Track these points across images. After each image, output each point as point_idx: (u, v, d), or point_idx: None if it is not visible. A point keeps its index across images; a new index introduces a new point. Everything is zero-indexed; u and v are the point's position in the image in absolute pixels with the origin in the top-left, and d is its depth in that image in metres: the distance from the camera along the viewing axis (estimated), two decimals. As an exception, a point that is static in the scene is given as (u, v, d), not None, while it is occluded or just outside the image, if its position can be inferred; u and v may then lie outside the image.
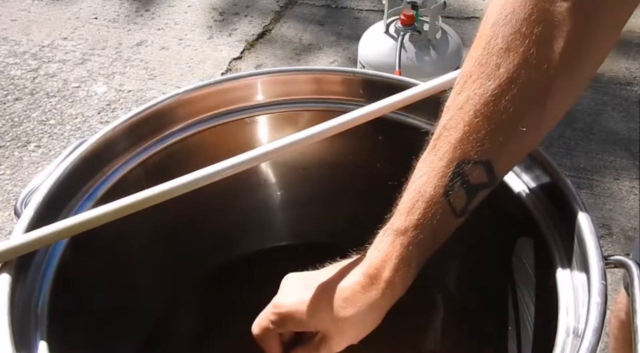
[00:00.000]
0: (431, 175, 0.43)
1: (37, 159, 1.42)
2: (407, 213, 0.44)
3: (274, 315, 0.47)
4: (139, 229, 0.60)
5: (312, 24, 1.85)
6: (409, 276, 0.45)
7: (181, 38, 1.81)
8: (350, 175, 0.69)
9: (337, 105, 0.62)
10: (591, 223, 0.46)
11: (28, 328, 0.43)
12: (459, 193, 0.43)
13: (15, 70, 1.69)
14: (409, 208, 0.43)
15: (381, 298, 0.44)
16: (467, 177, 0.42)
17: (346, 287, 0.45)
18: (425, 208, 0.43)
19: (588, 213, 0.47)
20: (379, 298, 0.44)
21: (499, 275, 0.59)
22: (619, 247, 1.18)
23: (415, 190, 0.44)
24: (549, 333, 0.46)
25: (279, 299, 0.48)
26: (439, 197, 0.42)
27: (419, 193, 0.43)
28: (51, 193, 0.49)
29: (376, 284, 0.44)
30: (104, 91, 1.61)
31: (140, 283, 0.64)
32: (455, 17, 1.85)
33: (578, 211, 0.47)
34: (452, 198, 0.43)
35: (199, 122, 0.61)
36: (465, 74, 0.43)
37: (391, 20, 1.29)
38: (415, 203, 0.43)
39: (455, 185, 0.42)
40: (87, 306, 0.54)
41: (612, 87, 1.58)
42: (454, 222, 0.45)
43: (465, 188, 0.42)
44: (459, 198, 0.43)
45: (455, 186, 0.42)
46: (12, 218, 1.27)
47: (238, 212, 0.72)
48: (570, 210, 0.48)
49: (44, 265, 0.47)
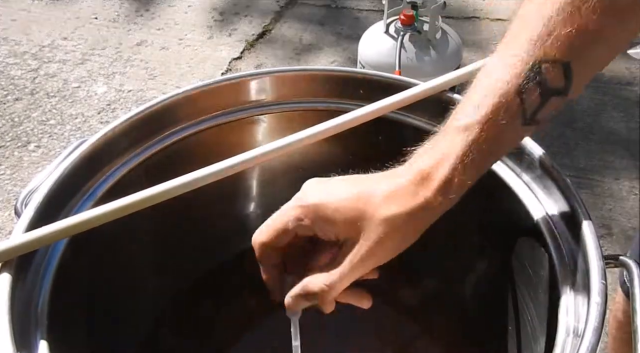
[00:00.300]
0: (504, 71, 0.39)
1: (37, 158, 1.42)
2: (474, 108, 0.39)
3: (298, 208, 0.40)
4: (139, 229, 0.60)
5: (312, 24, 1.85)
6: (464, 181, 0.40)
7: (181, 38, 1.81)
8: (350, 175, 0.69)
9: (337, 105, 0.62)
10: (591, 223, 0.46)
11: (28, 328, 0.43)
12: (533, 94, 0.39)
13: (16, 70, 1.69)
14: (477, 103, 0.39)
15: (432, 200, 0.39)
16: (544, 77, 0.38)
17: (392, 182, 0.39)
18: (495, 103, 0.39)
19: (588, 213, 0.47)
20: (430, 200, 0.39)
21: (499, 275, 0.59)
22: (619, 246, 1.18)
23: (485, 86, 0.40)
24: (549, 333, 0.46)
25: (303, 193, 0.41)
26: (512, 94, 0.39)
27: (489, 88, 0.39)
28: (51, 193, 0.50)
29: (429, 182, 0.39)
30: (104, 91, 1.61)
31: (140, 283, 0.64)
32: (455, 17, 1.85)
33: (578, 211, 0.47)
34: (525, 97, 0.39)
35: (199, 122, 0.61)
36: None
37: (391, 20, 1.29)
38: (483, 99, 0.39)
39: (530, 84, 0.38)
40: (87, 306, 0.54)
41: (612, 87, 1.58)
42: (519, 131, 0.41)
43: (540, 89, 0.39)
44: (531, 100, 0.39)
45: (529, 85, 0.38)
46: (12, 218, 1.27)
47: (238, 212, 0.72)
48: (570, 210, 0.48)
49: (44, 265, 0.47)
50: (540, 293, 0.51)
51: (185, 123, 0.60)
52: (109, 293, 0.58)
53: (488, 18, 1.85)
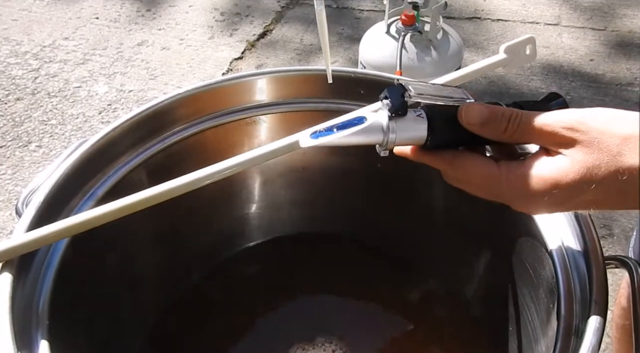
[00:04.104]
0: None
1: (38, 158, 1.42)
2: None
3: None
4: (140, 229, 0.60)
5: (313, 24, 1.85)
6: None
7: (182, 38, 1.81)
8: (350, 175, 0.69)
9: (338, 105, 0.62)
10: (592, 224, 0.46)
11: (29, 328, 0.43)
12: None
13: (17, 70, 1.69)
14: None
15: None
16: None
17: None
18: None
19: (589, 213, 0.47)
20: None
21: (500, 276, 0.59)
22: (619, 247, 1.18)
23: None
24: (550, 333, 0.46)
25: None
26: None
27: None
28: (52, 193, 0.50)
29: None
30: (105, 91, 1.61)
31: (140, 282, 0.64)
32: (457, 17, 1.85)
33: (579, 211, 0.47)
34: None
35: (199, 122, 0.61)
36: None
37: (392, 21, 1.29)
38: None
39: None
40: (87, 305, 0.54)
41: (613, 88, 1.58)
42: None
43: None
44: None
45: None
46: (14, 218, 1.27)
47: (237, 212, 0.72)
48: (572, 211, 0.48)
49: (45, 265, 0.47)
50: (541, 293, 0.51)
51: (186, 123, 0.60)
52: (110, 293, 0.58)
53: (489, 18, 1.85)
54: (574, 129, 0.36)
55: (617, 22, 1.81)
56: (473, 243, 0.65)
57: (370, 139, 0.40)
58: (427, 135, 0.40)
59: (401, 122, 0.39)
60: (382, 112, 0.40)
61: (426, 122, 0.40)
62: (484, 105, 0.40)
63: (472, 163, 0.40)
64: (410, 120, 0.39)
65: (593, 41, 1.73)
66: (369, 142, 0.40)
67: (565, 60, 1.66)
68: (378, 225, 0.72)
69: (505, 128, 0.39)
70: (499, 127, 0.39)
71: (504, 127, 0.39)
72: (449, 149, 0.41)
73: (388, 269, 0.72)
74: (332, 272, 0.71)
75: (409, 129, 0.39)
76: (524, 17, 1.84)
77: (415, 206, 0.69)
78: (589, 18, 1.83)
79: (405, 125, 0.39)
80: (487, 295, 0.65)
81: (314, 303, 0.70)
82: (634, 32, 1.76)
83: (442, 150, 0.41)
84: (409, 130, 0.39)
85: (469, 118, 0.39)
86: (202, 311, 0.68)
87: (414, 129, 0.40)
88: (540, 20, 1.83)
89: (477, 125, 0.39)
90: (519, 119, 0.38)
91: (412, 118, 0.40)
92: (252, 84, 0.62)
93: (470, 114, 0.39)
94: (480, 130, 0.40)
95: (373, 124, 0.39)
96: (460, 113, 0.40)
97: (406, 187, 0.68)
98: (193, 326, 0.67)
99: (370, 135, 0.39)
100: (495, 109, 0.39)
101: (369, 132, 0.39)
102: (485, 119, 0.39)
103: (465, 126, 0.40)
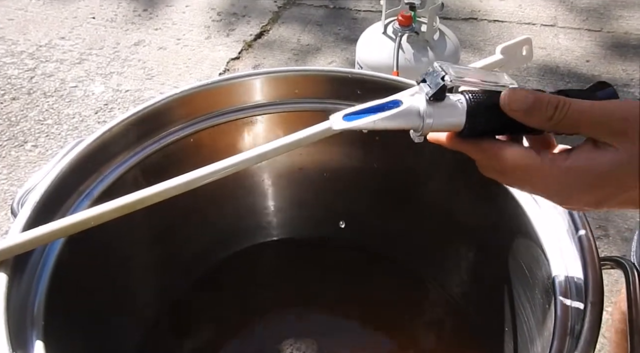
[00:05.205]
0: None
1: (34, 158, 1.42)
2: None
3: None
4: (136, 229, 0.60)
5: (310, 25, 1.85)
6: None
7: (179, 38, 1.81)
8: (348, 175, 0.69)
9: (335, 105, 0.62)
10: (588, 225, 0.46)
11: (24, 328, 0.43)
12: None
13: (13, 70, 1.68)
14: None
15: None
16: None
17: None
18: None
19: (585, 214, 0.47)
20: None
21: (496, 276, 0.59)
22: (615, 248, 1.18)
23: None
24: (545, 333, 0.47)
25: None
26: None
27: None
28: (48, 193, 0.49)
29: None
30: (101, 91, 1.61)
31: (136, 283, 0.64)
32: (453, 18, 1.85)
33: (575, 212, 0.47)
34: None
35: (196, 122, 0.61)
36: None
37: (389, 21, 1.29)
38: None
39: None
40: (83, 306, 0.54)
41: (609, 89, 1.58)
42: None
43: None
44: None
45: None
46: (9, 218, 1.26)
47: (235, 212, 0.72)
48: (568, 212, 0.48)
49: (41, 265, 0.47)
50: (537, 293, 0.51)
51: (182, 123, 0.60)
52: (106, 293, 0.58)
53: (486, 19, 1.85)
54: (627, 120, 0.34)
55: (613, 24, 1.81)
56: (469, 244, 0.65)
57: (405, 123, 0.38)
58: (465, 122, 0.38)
59: (439, 106, 0.37)
60: (419, 95, 0.38)
61: (465, 108, 0.38)
62: (529, 91, 0.37)
63: (512, 153, 0.37)
64: (448, 106, 0.37)
65: (589, 42, 1.74)
66: (404, 126, 0.38)
67: (561, 61, 1.67)
68: (374, 226, 0.72)
69: (551, 116, 0.36)
70: (545, 114, 0.36)
71: (549, 115, 0.36)
72: (486, 137, 0.39)
73: (384, 271, 0.72)
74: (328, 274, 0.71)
75: (447, 114, 0.37)
76: (520, 18, 1.85)
77: (412, 207, 0.69)
78: (585, 19, 1.83)
79: (443, 111, 0.37)
80: (483, 295, 0.65)
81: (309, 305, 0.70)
82: (630, 34, 1.77)
83: (479, 139, 0.39)
84: (446, 115, 0.37)
85: (512, 104, 0.37)
86: (197, 313, 0.68)
87: (452, 114, 0.37)
88: (537, 21, 1.83)
89: (520, 112, 0.37)
90: (566, 108, 0.36)
91: (450, 103, 0.38)
92: (249, 84, 0.62)
93: (514, 100, 0.37)
94: (524, 117, 0.37)
95: (409, 108, 0.37)
96: (503, 99, 0.37)
97: (403, 188, 0.68)
98: (188, 327, 0.67)
99: (406, 120, 0.37)
100: (541, 95, 0.37)
101: (405, 117, 0.37)
102: (531, 106, 0.36)
103: (508, 113, 0.37)
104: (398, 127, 0.38)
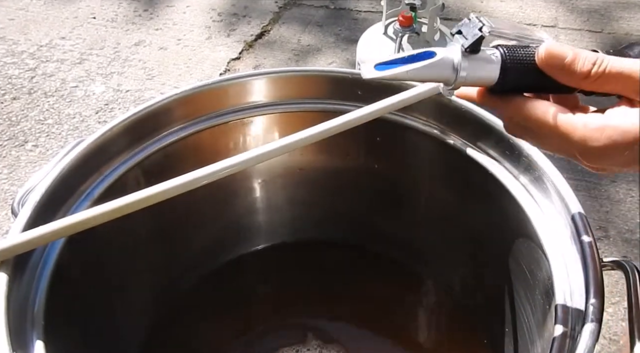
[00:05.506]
0: None
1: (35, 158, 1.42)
2: None
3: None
4: (136, 229, 0.60)
5: (311, 25, 1.85)
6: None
7: (179, 38, 1.80)
8: (348, 176, 0.69)
9: (335, 106, 0.62)
10: (588, 226, 0.46)
11: (24, 328, 0.43)
12: None
13: (13, 70, 1.68)
14: None
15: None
16: None
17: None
18: None
19: (585, 215, 0.47)
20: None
21: (497, 277, 0.59)
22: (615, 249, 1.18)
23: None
24: (546, 334, 0.46)
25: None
26: None
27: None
28: (48, 193, 0.49)
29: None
30: (102, 91, 1.61)
31: (136, 283, 0.64)
32: (454, 18, 1.85)
33: (575, 213, 0.47)
34: None
35: (196, 123, 0.61)
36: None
37: (390, 22, 1.29)
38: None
39: None
40: (83, 306, 0.54)
41: (610, 90, 1.58)
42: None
43: None
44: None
45: None
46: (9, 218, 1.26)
47: (235, 213, 0.72)
48: (568, 213, 0.48)
49: (41, 265, 0.47)
50: (537, 295, 0.51)
51: (183, 123, 0.60)
52: (106, 293, 0.58)
53: (486, 20, 1.85)
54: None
55: (614, 25, 1.81)
56: (469, 244, 0.65)
57: (438, 75, 0.36)
58: (498, 76, 0.36)
59: (473, 59, 0.36)
60: (453, 47, 0.37)
61: (499, 62, 0.36)
62: (567, 46, 0.36)
63: (545, 111, 0.36)
64: (482, 59, 0.36)
65: (590, 43, 1.74)
66: (436, 78, 0.37)
67: (562, 62, 1.66)
68: (374, 227, 0.72)
69: (588, 72, 0.35)
70: (582, 71, 0.35)
71: (587, 71, 0.35)
72: (517, 94, 0.37)
73: (384, 271, 0.72)
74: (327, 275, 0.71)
75: (481, 67, 0.36)
76: (521, 19, 1.85)
77: (412, 208, 0.69)
78: (586, 20, 1.83)
79: (477, 64, 0.36)
80: (483, 296, 0.65)
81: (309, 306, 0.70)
82: (630, 35, 1.77)
83: (511, 95, 0.37)
84: (480, 69, 0.36)
85: (550, 59, 0.35)
86: (197, 314, 0.68)
87: (486, 68, 0.36)
88: (537, 22, 1.83)
89: (557, 67, 0.35)
90: (605, 64, 0.35)
91: (484, 56, 0.36)
92: (250, 84, 0.62)
93: (551, 55, 0.35)
94: (560, 73, 0.36)
95: (443, 59, 0.36)
96: (539, 53, 0.36)
97: (403, 188, 0.68)
98: (187, 328, 0.67)
99: (439, 71, 0.36)
100: (579, 51, 0.35)
101: (439, 68, 0.36)
102: (569, 61, 0.35)
103: (544, 68, 0.36)
104: (430, 79, 0.37)
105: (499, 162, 0.55)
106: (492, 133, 0.55)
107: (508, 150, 0.54)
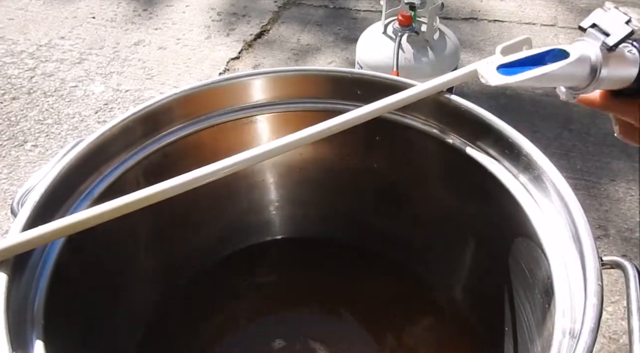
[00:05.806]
0: None
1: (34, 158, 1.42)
2: None
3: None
4: (136, 229, 0.60)
5: (310, 25, 1.85)
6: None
7: (179, 38, 1.80)
8: (347, 175, 0.69)
9: (335, 105, 0.62)
10: (588, 225, 0.46)
11: (24, 328, 0.43)
12: None
13: (13, 70, 1.68)
14: None
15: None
16: None
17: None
18: None
19: (585, 214, 0.47)
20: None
21: (496, 276, 0.59)
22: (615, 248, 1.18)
23: None
24: (545, 334, 0.47)
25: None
26: None
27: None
28: (48, 193, 0.49)
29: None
30: (101, 91, 1.61)
31: (136, 282, 0.64)
32: (453, 18, 1.85)
33: (575, 212, 0.47)
34: None
35: (196, 122, 0.61)
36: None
37: (389, 21, 1.29)
38: None
39: None
40: (83, 306, 0.54)
41: (609, 89, 1.58)
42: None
43: None
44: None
45: None
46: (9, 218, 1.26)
47: (235, 212, 0.72)
48: (567, 212, 0.48)
49: (41, 265, 0.47)
50: (537, 294, 0.51)
51: (182, 123, 0.60)
52: (106, 293, 0.58)
53: (486, 19, 1.85)
54: None
55: (613, 24, 1.81)
56: (469, 244, 0.65)
57: (574, 76, 0.31)
58: (636, 76, 0.32)
59: (613, 57, 0.31)
60: (586, 44, 0.32)
61: (637, 60, 0.32)
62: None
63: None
64: (621, 57, 0.32)
65: (589, 42, 1.74)
66: (571, 80, 0.32)
67: (561, 61, 1.66)
68: (374, 226, 0.72)
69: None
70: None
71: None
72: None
73: (384, 271, 0.72)
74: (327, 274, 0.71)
75: (621, 66, 0.32)
76: (520, 18, 1.85)
77: (412, 207, 0.69)
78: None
79: (618, 62, 0.31)
80: (482, 295, 0.65)
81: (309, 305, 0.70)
82: (630, 34, 1.77)
83: (636, 98, 0.33)
84: (620, 68, 0.32)
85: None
86: (197, 314, 0.68)
87: (625, 66, 0.32)
88: (537, 21, 1.83)
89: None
90: None
91: (620, 53, 0.32)
92: (249, 84, 0.62)
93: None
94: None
95: (580, 59, 0.31)
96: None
97: (403, 188, 0.68)
98: (187, 326, 0.67)
99: (577, 73, 0.31)
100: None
101: (576, 69, 0.31)
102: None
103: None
104: (564, 82, 0.32)
105: (498, 161, 0.55)
106: (491, 132, 0.55)
107: (507, 149, 0.54)
